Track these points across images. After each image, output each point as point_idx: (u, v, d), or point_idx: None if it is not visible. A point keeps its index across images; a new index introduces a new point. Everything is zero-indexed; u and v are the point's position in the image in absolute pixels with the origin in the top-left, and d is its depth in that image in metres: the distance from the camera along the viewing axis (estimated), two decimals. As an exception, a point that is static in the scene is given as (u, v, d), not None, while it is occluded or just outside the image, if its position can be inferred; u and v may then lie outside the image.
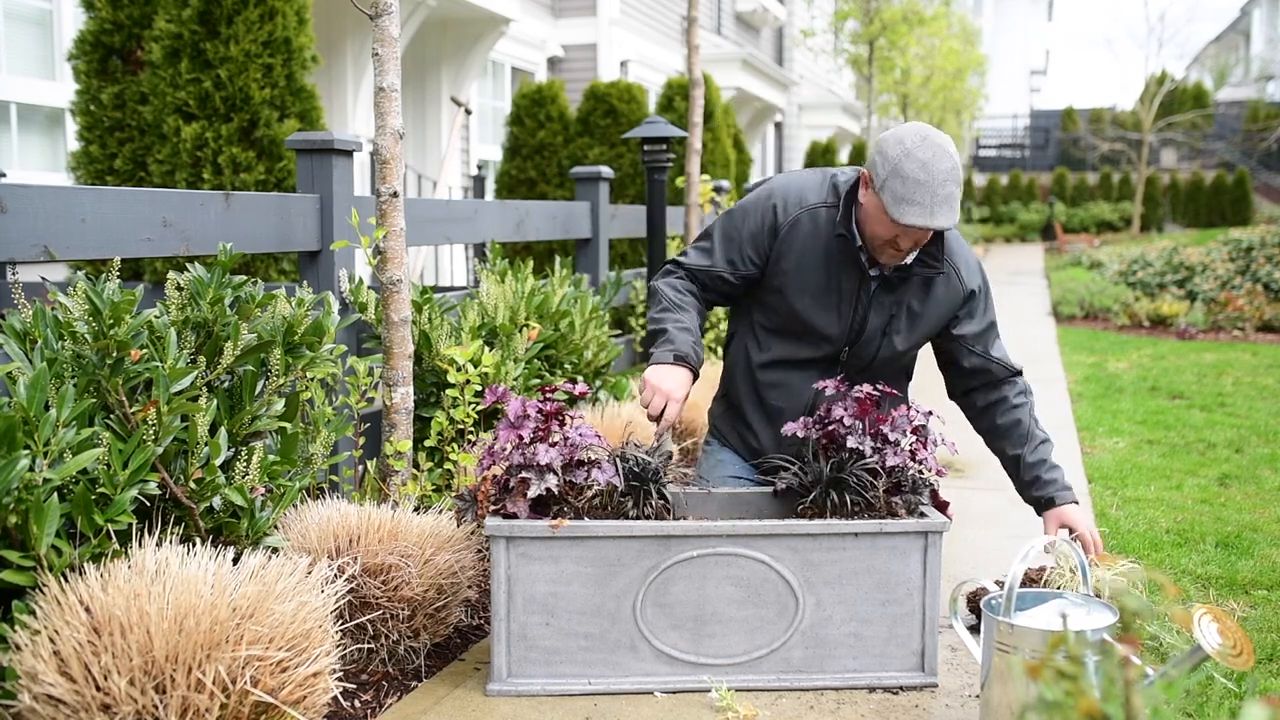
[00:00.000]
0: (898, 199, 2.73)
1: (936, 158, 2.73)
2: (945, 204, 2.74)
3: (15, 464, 1.94)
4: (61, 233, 2.65)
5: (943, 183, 2.72)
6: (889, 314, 3.01)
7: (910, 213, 2.73)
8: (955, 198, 2.76)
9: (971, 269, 3.07)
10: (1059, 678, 0.99)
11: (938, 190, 2.72)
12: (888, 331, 3.03)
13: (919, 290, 3.01)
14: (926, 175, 2.72)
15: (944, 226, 2.76)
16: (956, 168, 2.76)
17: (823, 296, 2.99)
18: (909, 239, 2.83)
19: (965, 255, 3.07)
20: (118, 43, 5.06)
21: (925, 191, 2.72)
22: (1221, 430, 5.91)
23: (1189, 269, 12.62)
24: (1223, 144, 32.55)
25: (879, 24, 13.57)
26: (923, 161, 2.72)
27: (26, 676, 1.92)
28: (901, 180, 2.73)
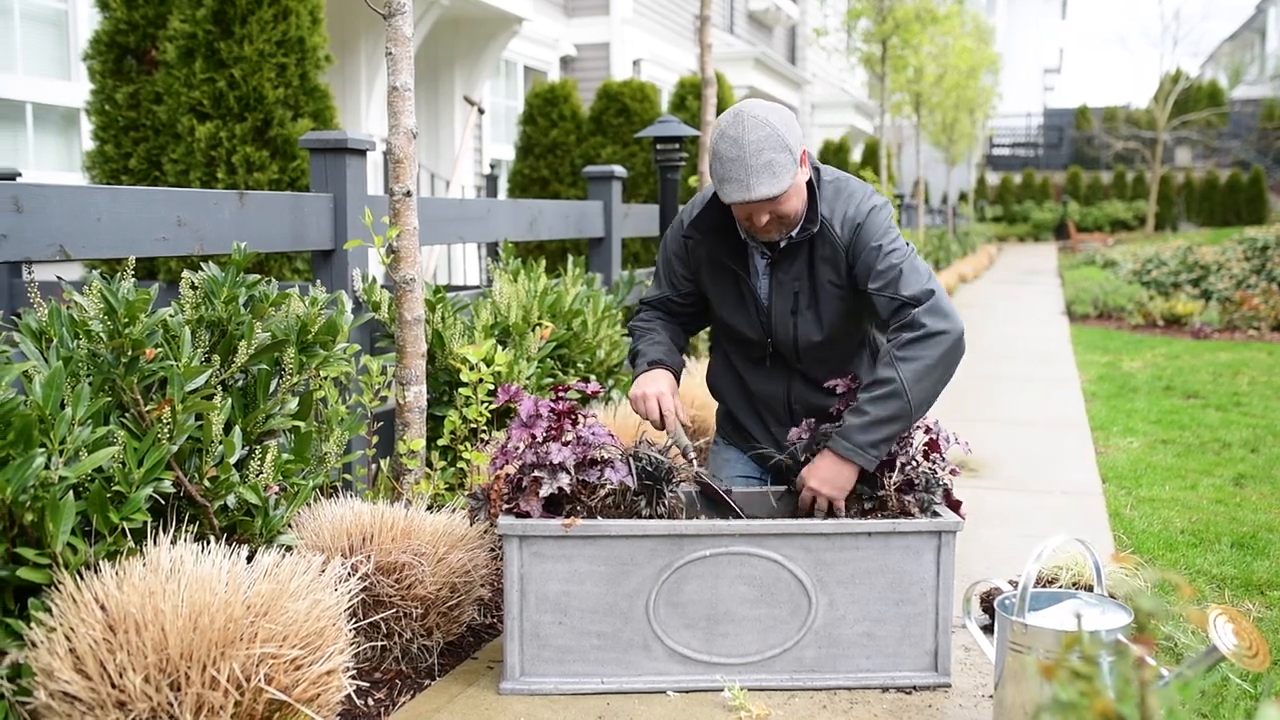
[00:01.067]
0: (719, 180, 2.73)
1: (748, 130, 2.68)
2: (763, 172, 2.67)
3: (31, 462, 1.95)
4: (77, 232, 2.66)
5: (755, 152, 2.67)
6: (791, 293, 2.95)
7: (730, 190, 2.71)
8: (776, 164, 2.67)
9: (848, 215, 2.86)
10: (1073, 678, 0.99)
11: (750, 161, 2.67)
12: (796, 311, 2.96)
13: (805, 259, 2.92)
14: (738, 150, 2.68)
15: (765, 196, 2.68)
16: (774, 134, 2.67)
17: (729, 297, 3.03)
18: (760, 214, 2.76)
19: (841, 205, 2.88)
20: (132, 43, 5.08)
21: (739, 166, 2.68)
22: (1237, 430, 5.88)
23: (1204, 268, 12.57)
24: (1238, 142, 32.41)
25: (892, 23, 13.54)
26: (733, 138, 2.69)
27: (42, 673, 1.93)
28: (719, 160, 2.72)
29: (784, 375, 3.07)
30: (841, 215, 2.86)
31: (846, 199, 2.88)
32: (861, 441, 2.68)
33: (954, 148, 22.08)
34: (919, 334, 2.69)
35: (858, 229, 2.84)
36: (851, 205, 2.87)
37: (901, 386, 2.66)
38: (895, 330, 2.74)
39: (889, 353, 2.71)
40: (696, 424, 4.60)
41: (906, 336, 2.70)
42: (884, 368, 2.70)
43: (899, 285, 2.75)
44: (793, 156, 2.70)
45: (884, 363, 2.71)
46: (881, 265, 2.78)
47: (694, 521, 2.60)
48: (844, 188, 2.92)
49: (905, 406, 2.67)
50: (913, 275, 2.76)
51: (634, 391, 2.97)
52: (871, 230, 2.83)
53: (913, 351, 2.68)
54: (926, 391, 2.69)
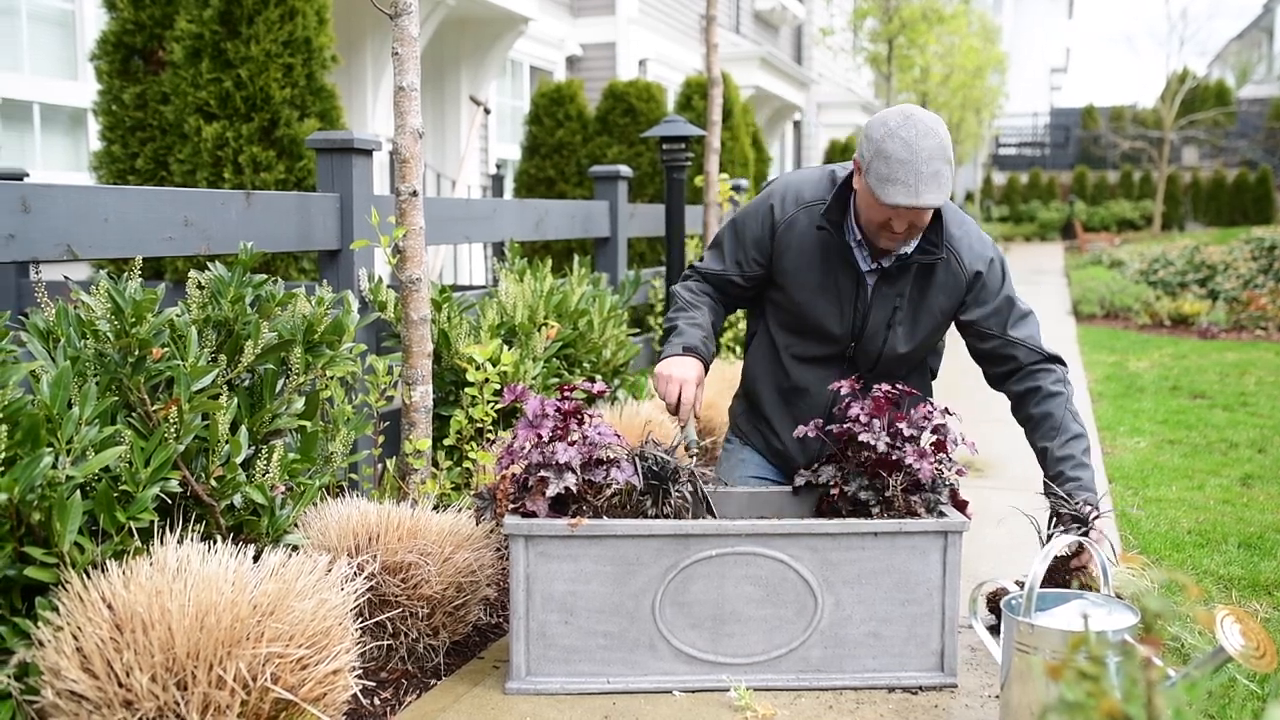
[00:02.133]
0: (882, 179, 2.70)
1: (920, 135, 2.68)
2: (931, 181, 2.68)
3: (39, 461, 1.96)
4: (84, 232, 2.66)
5: (927, 160, 2.67)
6: (891, 307, 2.96)
7: (895, 192, 2.69)
8: (943, 175, 2.69)
9: (975, 251, 2.95)
10: (1080, 678, 0.99)
11: (922, 168, 2.67)
12: (891, 325, 2.97)
13: (920, 280, 2.94)
14: (910, 154, 2.67)
15: (930, 205, 2.69)
16: (943, 145, 2.70)
17: (822, 293, 2.98)
18: (901, 221, 2.76)
19: (968, 237, 2.97)
20: (139, 43, 5.09)
21: (909, 170, 2.67)
22: (1244, 430, 5.87)
23: (1210, 268, 12.54)
24: (1245, 142, 32.34)
25: (898, 22, 13.53)
26: (905, 140, 2.68)
27: (49, 672, 1.93)
28: (885, 160, 2.69)
29: (839, 377, 3.00)
30: (969, 249, 2.95)
31: (971, 234, 2.98)
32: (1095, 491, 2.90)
33: (960, 147, 22.06)
34: (1069, 392, 3.00)
35: (989, 265, 2.96)
36: (979, 243, 2.98)
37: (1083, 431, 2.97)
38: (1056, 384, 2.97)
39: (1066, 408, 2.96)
40: (704, 423, 4.60)
41: (1069, 392, 2.99)
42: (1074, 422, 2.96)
43: (1040, 341, 3.02)
44: (953, 170, 2.73)
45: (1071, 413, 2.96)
46: (1019, 316, 2.99)
47: (700, 521, 2.60)
48: (964, 221, 3.00)
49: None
50: (1040, 333, 3.03)
51: (661, 369, 2.94)
52: (1000, 275, 2.99)
53: (1074, 407, 2.99)
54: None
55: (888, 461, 2.69)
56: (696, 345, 2.98)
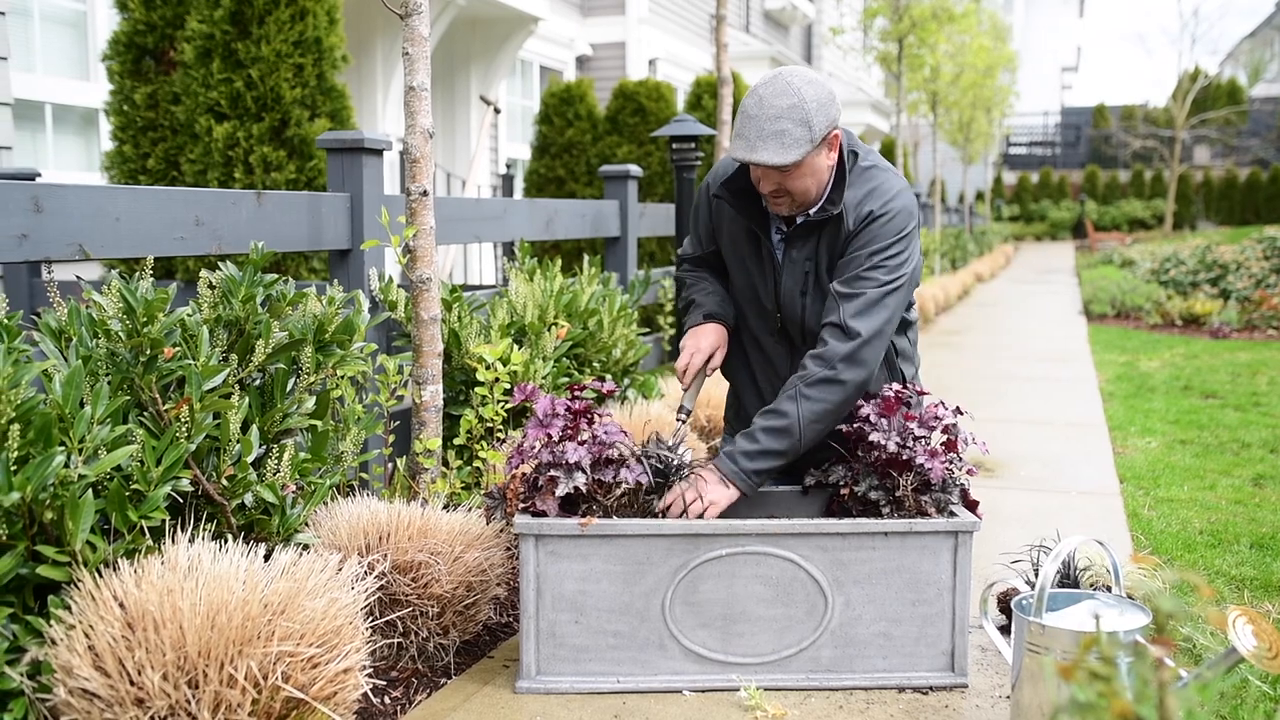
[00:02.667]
0: (734, 134, 2.70)
1: (775, 94, 2.64)
2: (774, 139, 2.61)
3: (51, 460, 1.96)
4: (96, 232, 2.67)
5: (774, 118, 2.62)
6: (802, 272, 2.88)
7: (736, 147, 2.67)
8: (789, 134, 2.61)
9: (866, 209, 2.77)
10: (1092, 679, 0.98)
11: (765, 125, 2.62)
12: (806, 290, 2.89)
13: (827, 242, 2.84)
14: (759, 110, 2.64)
15: (766, 162, 2.62)
16: (798, 106, 2.61)
17: (744, 264, 2.99)
18: (766, 182, 2.73)
19: (864, 195, 2.79)
20: (150, 43, 5.10)
21: (753, 125, 2.64)
22: (1256, 430, 5.84)
23: (1222, 267, 12.50)
24: (1257, 141, 32.23)
25: (908, 21, 13.50)
26: (760, 97, 2.65)
27: (62, 670, 1.94)
28: (740, 115, 2.68)
29: (788, 353, 3.01)
30: (858, 206, 2.78)
31: (871, 191, 2.79)
32: (747, 469, 2.69)
33: (971, 146, 22.00)
34: (829, 375, 2.69)
35: (867, 223, 2.76)
36: (873, 200, 2.78)
37: (797, 425, 2.69)
38: (811, 358, 2.73)
39: (796, 386, 2.71)
40: (712, 424, 4.60)
41: (818, 374, 2.69)
42: (787, 401, 2.71)
43: (854, 307, 2.72)
44: (810, 134, 2.63)
45: (789, 395, 2.72)
46: (858, 272, 2.74)
47: (710, 521, 2.60)
48: (876, 179, 2.82)
49: (795, 445, 2.70)
50: (873, 308, 2.72)
51: (685, 341, 3.00)
52: (881, 233, 2.76)
53: (818, 393, 2.69)
54: (817, 434, 2.73)
55: (898, 461, 2.68)
56: (715, 310, 3.01)
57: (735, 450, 2.70)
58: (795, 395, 2.70)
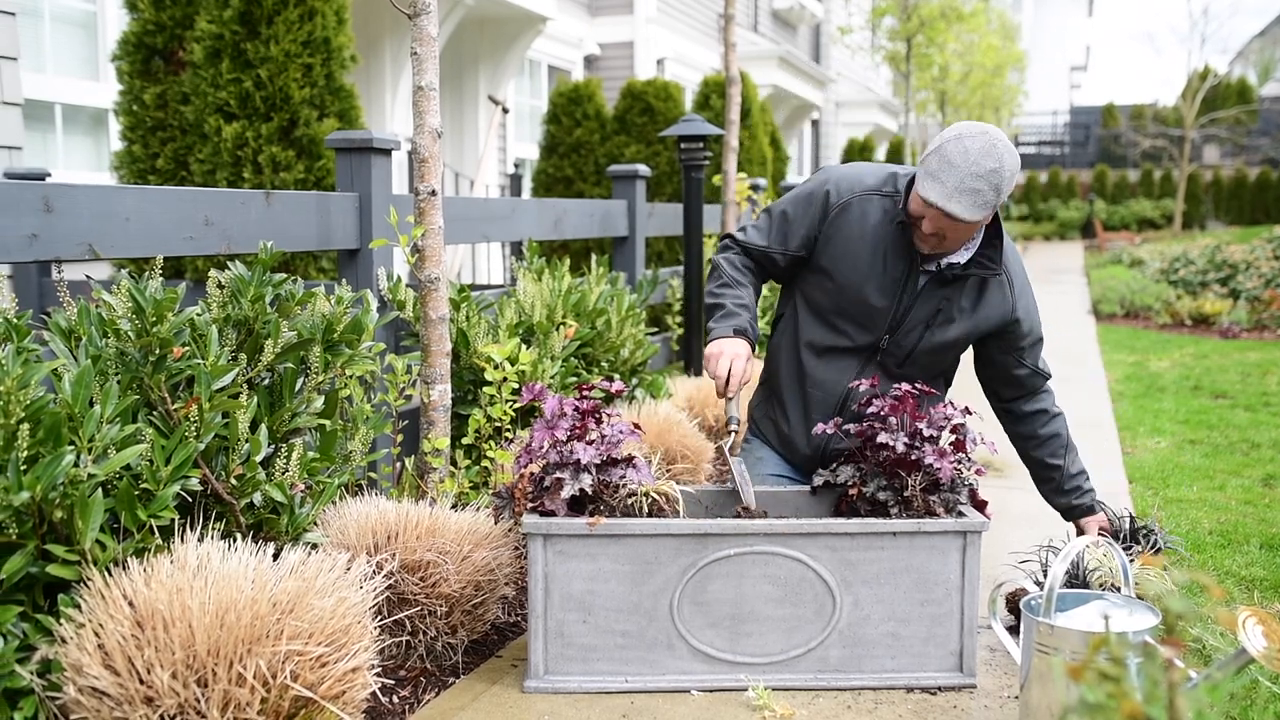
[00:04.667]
0: (927, 173, 2.73)
1: (983, 154, 2.69)
2: (969, 195, 2.69)
3: (61, 459, 1.97)
4: (106, 231, 2.68)
5: (975, 176, 2.68)
6: (935, 308, 2.97)
7: (930, 188, 2.71)
8: (983, 195, 2.69)
9: (1024, 283, 3.06)
10: (1101, 679, 0.98)
11: (966, 180, 2.68)
12: (931, 324, 2.98)
13: (971, 292, 2.98)
14: (963, 161, 2.69)
15: (956, 214, 2.70)
16: (998, 172, 2.69)
17: (871, 278, 2.97)
18: (930, 222, 2.78)
19: (1019, 269, 3.07)
20: (160, 43, 5.11)
21: (954, 174, 2.69)
22: (1266, 430, 5.82)
23: (1232, 267, 12.46)
24: (1267, 140, 32.13)
25: (917, 20, 13.49)
26: (967, 150, 2.70)
27: (71, 669, 1.95)
28: (938, 157, 2.73)
29: (856, 373, 3.03)
30: (1022, 281, 3.06)
31: (1019, 264, 3.08)
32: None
33: (979, 146, 21.95)
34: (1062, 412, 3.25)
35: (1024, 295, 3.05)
36: (1023, 277, 3.08)
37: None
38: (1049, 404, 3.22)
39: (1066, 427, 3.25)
40: (721, 423, 4.59)
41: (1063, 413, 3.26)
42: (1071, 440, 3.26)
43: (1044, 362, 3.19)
44: (997, 201, 2.74)
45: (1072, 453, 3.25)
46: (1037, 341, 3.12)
47: (718, 520, 2.60)
48: (1013, 249, 3.06)
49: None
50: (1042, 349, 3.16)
51: (713, 349, 2.95)
52: (1033, 307, 3.10)
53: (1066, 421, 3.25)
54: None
55: (907, 461, 2.68)
56: (746, 329, 2.99)
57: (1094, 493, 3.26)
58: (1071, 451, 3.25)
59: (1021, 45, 24.72)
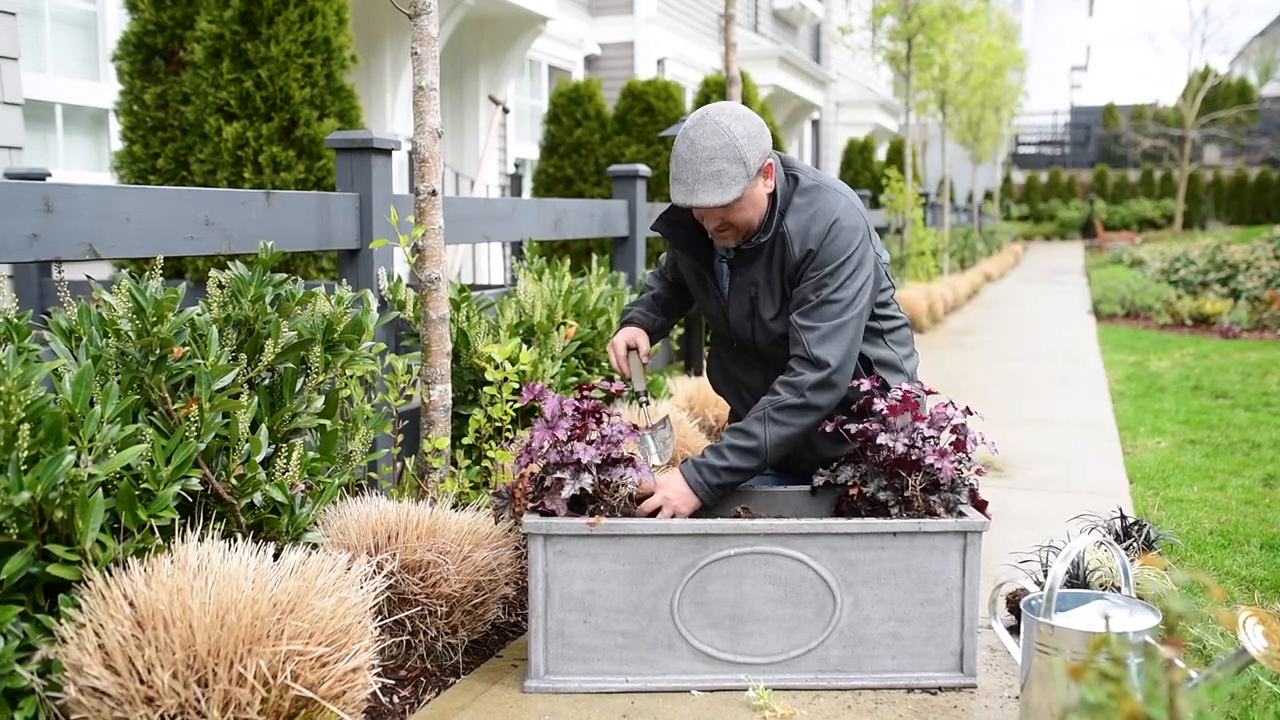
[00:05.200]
0: (671, 179, 2.76)
1: (705, 135, 2.68)
2: (710, 180, 2.67)
3: (61, 460, 1.97)
4: (106, 231, 2.68)
5: (707, 160, 2.67)
6: (748, 296, 2.94)
7: (676, 190, 2.74)
8: (726, 174, 2.66)
9: (810, 232, 2.79)
10: (1101, 679, 0.98)
11: (701, 168, 2.67)
12: (754, 314, 2.94)
13: (767, 264, 2.88)
14: (691, 153, 2.69)
15: (706, 204, 2.68)
16: (731, 144, 2.66)
17: (698, 288, 3.11)
18: (709, 220, 2.79)
19: (808, 219, 2.81)
20: (160, 43, 5.12)
21: (689, 169, 2.69)
22: (1267, 430, 5.82)
23: (1232, 267, 12.46)
24: (1268, 140, 32.14)
25: (917, 21, 13.47)
26: (691, 140, 2.70)
27: (72, 669, 1.95)
28: (674, 160, 2.75)
29: (760, 367, 3.06)
30: (803, 233, 2.80)
31: (814, 216, 2.81)
32: (711, 482, 2.74)
33: (979, 146, 21.96)
34: (799, 403, 2.74)
35: (811, 253, 2.80)
36: (817, 223, 2.80)
37: (763, 448, 2.75)
38: (782, 385, 2.77)
39: (766, 409, 2.76)
40: (720, 423, 4.59)
41: (788, 400, 2.74)
42: (756, 423, 2.76)
43: (815, 337, 2.76)
44: (746, 169, 2.68)
45: (758, 416, 2.76)
46: (816, 303, 2.78)
47: (718, 521, 2.60)
48: (818, 202, 2.83)
49: (761, 464, 2.77)
50: (835, 335, 2.76)
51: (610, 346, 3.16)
52: (827, 258, 2.79)
53: (788, 417, 2.75)
54: (782, 454, 2.80)
55: (907, 461, 2.68)
56: (633, 316, 3.23)
57: (703, 463, 2.76)
58: (764, 418, 2.76)
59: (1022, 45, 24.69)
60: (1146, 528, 3.23)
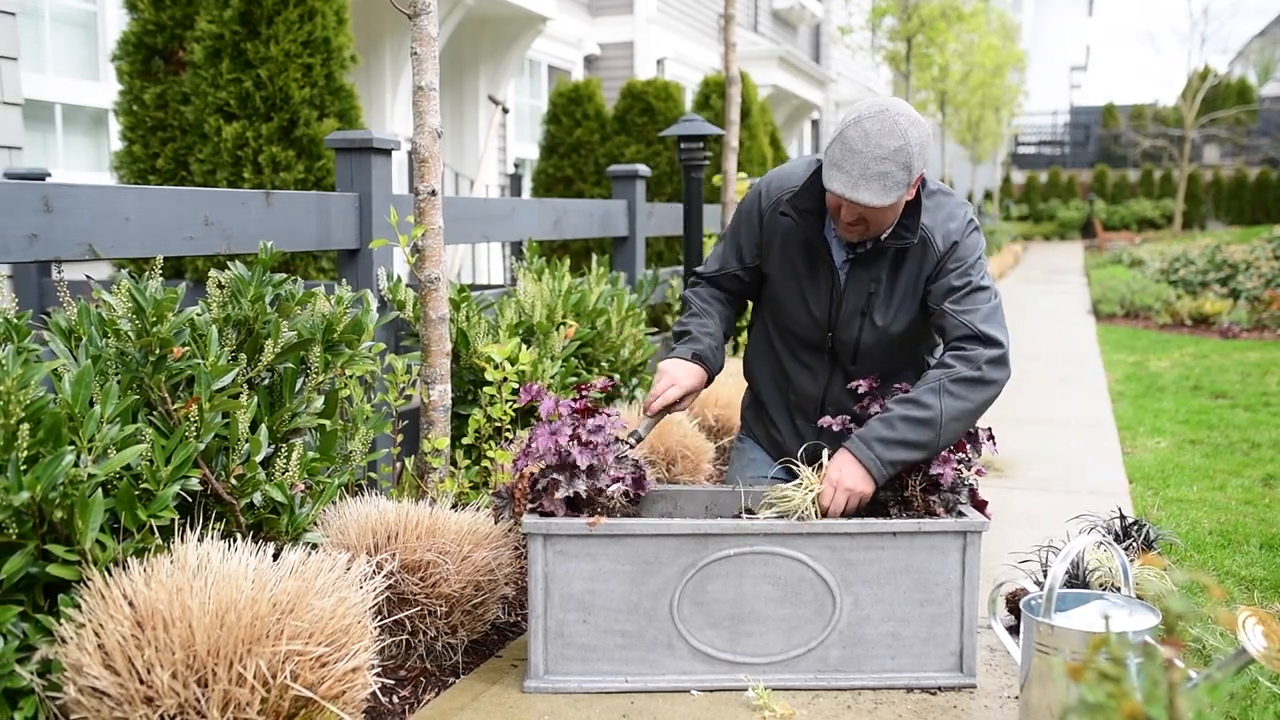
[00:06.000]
0: (830, 163, 2.65)
1: (883, 132, 2.59)
2: (876, 180, 2.58)
3: (61, 459, 1.97)
4: (106, 231, 2.68)
5: (879, 159, 2.58)
6: (866, 293, 2.88)
7: (834, 178, 2.63)
8: (891, 177, 2.59)
9: (949, 229, 2.83)
10: (1101, 679, 0.98)
11: (871, 165, 2.58)
12: (867, 312, 2.89)
13: (893, 264, 2.86)
14: (864, 146, 2.58)
15: (866, 203, 2.60)
16: (904, 149, 2.59)
17: (798, 280, 2.96)
18: (849, 211, 2.69)
19: (944, 219, 2.85)
20: (160, 43, 5.11)
21: (857, 161, 2.59)
22: (1266, 430, 5.83)
23: (1232, 267, 12.46)
24: (1267, 140, 32.15)
25: (917, 20, 13.48)
26: (866, 131, 2.60)
27: (72, 669, 1.95)
28: (841, 145, 2.63)
29: (827, 372, 3.02)
30: (944, 230, 2.82)
31: (949, 214, 2.85)
32: (884, 457, 2.64)
33: (979, 146, 21.98)
34: (977, 376, 2.68)
35: (954, 246, 2.82)
36: (954, 221, 2.84)
37: (939, 420, 2.64)
38: (955, 359, 2.72)
39: (941, 380, 2.67)
40: (720, 423, 4.59)
41: (965, 373, 2.68)
42: (930, 394, 2.66)
43: (979, 318, 2.75)
44: (909, 178, 2.62)
45: (931, 388, 2.67)
46: (967, 290, 2.79)
47: (718, 521, 2.60)
48: (945, 202, 2.88)
49: (934, 441, 2.66)
50: (995, 317, 2.78)
51: (664, 367, 2.94)
52: (967, 250, 2.83)
53: (965, 391, 2.67)
54: (955, 433, 2.69)
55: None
56: (706, 355, 2.97)
57: (871, 436, 2.65)
58: (939, 389, 2.66)
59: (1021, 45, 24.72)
60: (1146, 528, 3.23)
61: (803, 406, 3.08)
